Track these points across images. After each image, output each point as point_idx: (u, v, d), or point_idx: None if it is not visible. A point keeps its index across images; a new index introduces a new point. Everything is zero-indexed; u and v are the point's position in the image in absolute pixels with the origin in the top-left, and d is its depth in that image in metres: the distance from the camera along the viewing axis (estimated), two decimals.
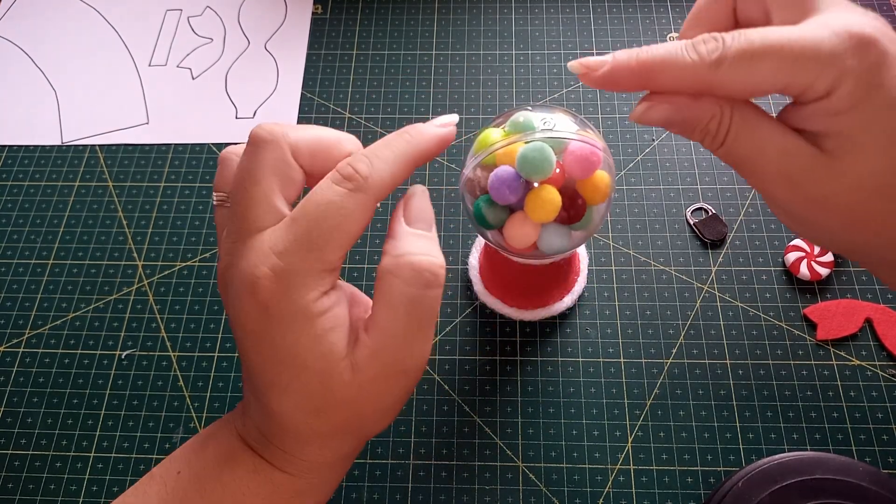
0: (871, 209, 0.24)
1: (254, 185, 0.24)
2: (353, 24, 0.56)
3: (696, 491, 0.38)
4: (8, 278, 0.46)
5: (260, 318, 0.24)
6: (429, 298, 0.24)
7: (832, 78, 0.23)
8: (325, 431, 0.26)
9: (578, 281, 0.43)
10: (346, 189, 0.24)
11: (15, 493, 0.39)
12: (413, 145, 0.25)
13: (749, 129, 0.25)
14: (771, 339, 0.42)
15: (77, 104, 0.53)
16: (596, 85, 0.26)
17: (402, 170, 0.25)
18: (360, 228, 0.24)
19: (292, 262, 0.23)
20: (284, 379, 0.24)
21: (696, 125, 0.26)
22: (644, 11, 0.55)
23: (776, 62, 0.23)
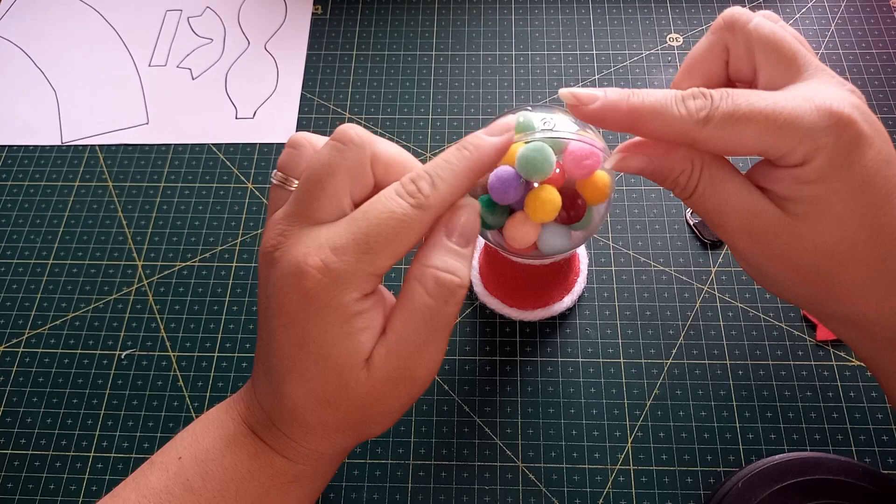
0: (826, 269, 0.26)
1: (330, 179, 0.25)
2: (353, 25, 0.56)
3: (696, 491, 0.38)
4: (8, 278, 0.46)
5: (300, 303, 0.25)
6: (445, 313, 0.25)
7: (807, 150, 0.24)
8: (330, 424, 0.26)
9: (578, 281, 0.43)
10: (408, 203, 0.25)
11: (15, 493, 0.39)
12: (473, 161, 0.26)
13: (716, 186, 0.26)
14: (771, 339, 0.42)
15: (77, 104, 0.53)
16: (584, 118, 0.27)
17: (462, 187, 0.26)
18: (416, 241, 0.25)
19: (345, 261, 0.24)
20: (305, 365, 0.25)
21: (667, 177, 0.27)
22: (644, 12, 0.55)
23: (759, 129, 0.24)
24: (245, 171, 0.50)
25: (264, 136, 0.51)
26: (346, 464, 0.39)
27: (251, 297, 0.45)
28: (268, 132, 0.51)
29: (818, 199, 0.25)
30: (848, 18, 0.54)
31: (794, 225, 0.25)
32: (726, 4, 0.55)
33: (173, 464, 0.27)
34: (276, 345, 0.26)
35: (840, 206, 0.25)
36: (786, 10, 0.54)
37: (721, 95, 0.25)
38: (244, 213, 0.48)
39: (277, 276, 0.25)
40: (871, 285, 0.26)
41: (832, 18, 0.54)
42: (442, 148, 0.50)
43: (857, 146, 0.24)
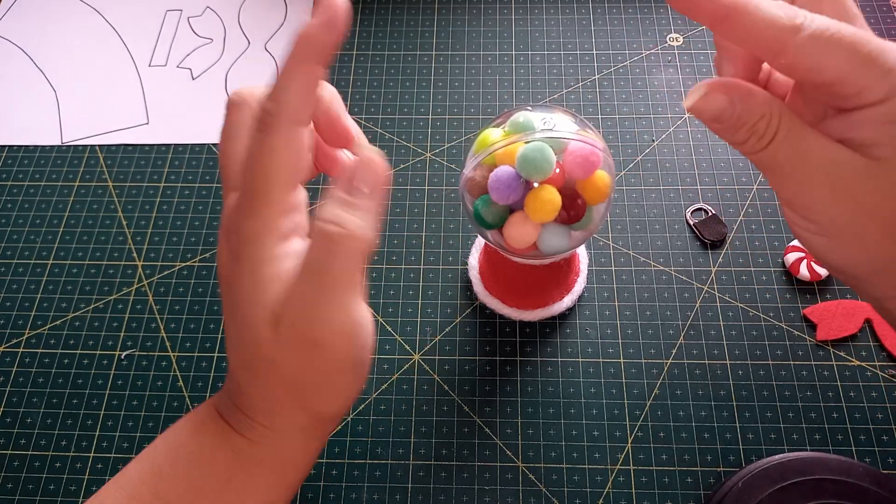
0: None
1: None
2: (353, 25, 0.56)
3: (696, 491, 0.38)
4: (8, 278, 0.46)
5: (229, 265, 0.25)
6: (334, 266, 0.24)
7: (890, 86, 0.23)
8: (265, 394, 0.26)
9: (578, 281, 0.43)
10: (260, 132, 0.24)
11: (15, 493, 0.39)
12: (298, 51, 0.24)
13: (796, 134, 0.25)
14: (771, 339, 0.42)
15: (77, 104, 0.53)
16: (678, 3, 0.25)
17: (303, 86, 0.24)
18: (289, 163, 0.24)
19: (245, 215, 0.24)
20: (228, 328, 0.26)
21: (745, 122, 0.25)
22: (644, 12, 0.55)
23: (846, 54, 0.23)
24: None
25: None
26: (346, 464, 0.39)
27: None
28: None
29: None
30: None
31: (882, 170, 0.24)
32: None
33: (150, 453, 0.27)
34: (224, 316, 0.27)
35: None
36: None
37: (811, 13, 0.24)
38: None
39: None
40: None
41: None
42: (442, 148, 0.50)
43: None
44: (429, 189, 0.48)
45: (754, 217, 0.46)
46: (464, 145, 0.50)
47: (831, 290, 0.43)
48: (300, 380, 0.25)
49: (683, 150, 0.49)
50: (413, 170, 0.49)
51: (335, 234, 0.24)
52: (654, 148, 0.49)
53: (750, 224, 0.46)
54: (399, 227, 0.47)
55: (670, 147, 0.49)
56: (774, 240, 0.45)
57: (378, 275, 0.45)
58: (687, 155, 0.48)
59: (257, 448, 0.27)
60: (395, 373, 0.42)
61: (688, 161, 0.48)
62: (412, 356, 0.43)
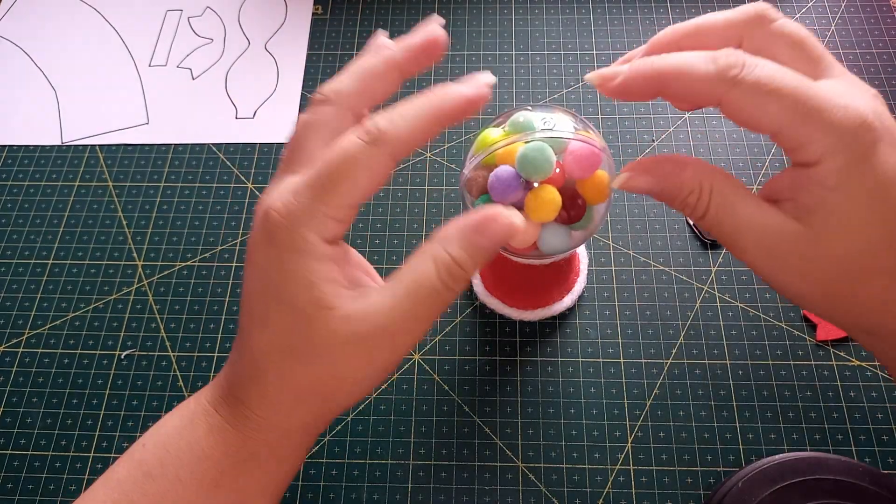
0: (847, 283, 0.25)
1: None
2: (353, 24, 0.56)
3: (696, 491, 0.38)
4: (8, 278, 0.46)
5: (264, 249, 0.25)
6: (444, 298, 0.25)
7: (827, 146, 0.23)
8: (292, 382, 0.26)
9: (578, 281, 0.43)
10: (362, 141, 0.25)
11: (14, 493, 0.39)
12: (437, 104, 0.26)
13: (728, 205, 0.26)
14: (771, 339, 0.42)
15: (77, 104, 0.53)
16: (612, 94, 0.26)
17: (423, 127, 0.26)
18: (371, 181, 0.25)
19: (302, 202, 0.24)
20: (270, 311, 0.25)
21: (675, 197, 0.26)
22: (644, 12, 0.55)
23: (785, 107, 0.23)
24: (245, 171, 0.50)
25: (264, 136, 0.51)
26: (346, 464, 0.39)
27: None
28: (268, 132, 0.51)
29: (836, 206, 0.24)
30: (848, 18, 0.54)
31: (813, 238, 0.24)
32: (726, 5, 0.55)
33: (138, 451, 0.27)
34: (243, 297, 0.26)
35: (859, 215, 0.24)
36: (786, 10, 0.54)
37: (754, 61, 0.24)
38: (244, 213, 0.48)
39: (252, 227, 0.26)
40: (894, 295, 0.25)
41: (832, 18, 0.54)
42: (442, 148, 0.50)
43: (876, 152, 0.23)
44: (429, 189, 0.48)
45: None
46: (464, 145, 0.50)
47: None
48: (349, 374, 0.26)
49: (683, 151, 0.49)
50: (413, 170, 0.49)
51: (459, 276, 0.25)
52: (654, 148, 0.49)
53: None
54: (399, 227, 0.47)
55: (670, 147, 0.49)
56: None
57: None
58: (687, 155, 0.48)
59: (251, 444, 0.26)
60: (396, 373, 0.42)
61: None
62: (412, 356, 0.43)
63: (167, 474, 0.26)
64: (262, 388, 0.26)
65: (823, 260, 0.25)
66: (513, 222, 0.26)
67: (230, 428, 0.26)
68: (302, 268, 0.24)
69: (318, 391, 0.26)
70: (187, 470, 0.26)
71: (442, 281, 0.25)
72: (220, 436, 0.26)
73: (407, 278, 0.25)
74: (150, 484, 0.26)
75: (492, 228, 0.26)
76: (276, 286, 0.25)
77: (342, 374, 0.25)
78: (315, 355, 0.25)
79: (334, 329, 0.25)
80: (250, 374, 0.26)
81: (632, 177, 0.27)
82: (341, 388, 0.26)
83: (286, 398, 0.26)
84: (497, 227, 0.26)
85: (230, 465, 0.26)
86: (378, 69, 0.28)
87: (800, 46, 0.26)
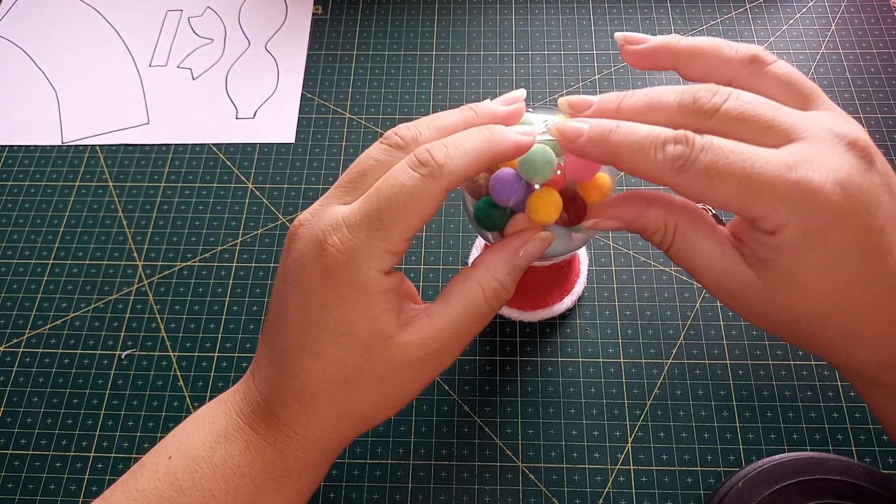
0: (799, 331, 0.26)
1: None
2: (353, 25, 0.56)
3: (696, 491, 0.38)
4: (8, 278, 0.46)
5: (320, 280, 0.25)
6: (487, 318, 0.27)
7: (777, 222, 0.24)
8: (342, 408, 0.26)
9: (578, 282, 0.43)
10: (419, 174, 0.25)
11: (15, 493, 0.39)
12: (493, 145, 0.26)
13: (689, 246, 0.26)
14: (771, 339, 0.42)
15: (77, 104, 0.53)
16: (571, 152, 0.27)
17: (477, 164, 0.26)
18: (428, 214, 0.25)
19: (359, 238, 0.25)
20: (323, 342, 0.25)
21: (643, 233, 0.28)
22: (644, 12, 0.55)
23: (733, 190, 0.24)
24: (245, 171, 0.50)
25: (265, 136, 0.51)
26: (346, 464, 0.40)
27: (251, 297, 0.45)
28: (268, 132, 0.51)
29: (789, 270, 0.24)
30: (848, 18, 0.54)
31: (765, 291, 0.25)
32: (726, 5, 0.55)
33: (163, 464, 0.27)
34: (290, 322, 0.26)
35: (809, 281, 0.24)
36: (786, 9, 0.54)
37: (703, 145, 0.24)
38: (244, 213, 0.48)
39: (298, 251, 0.26)
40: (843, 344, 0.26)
41: (832, 18, 0.54)
42: None
43: (831, 226, 0.23)
44: None
45: None
46: None
47: None
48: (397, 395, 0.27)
49: None
50: None
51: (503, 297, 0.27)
52: None
53: None
54: None
55: None
56: None
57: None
58: None
59: (289, 460, 0.27)
60: None
61: None
62: None
63: (199, 488, 0.26)
64: (310, 410, 0.26)
65: (774, 310, 0.25)
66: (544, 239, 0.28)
67: (268, 446, 0.26)
68: (362, 302, 0.25)
69: (365, 413, 0.27)
70: (222, 485, 0.26)
71: (488, 304, 0.27)
72: (257, 453, 0.26)
73: (458, 304, 0.26)
74: (180, 497, 0.26)
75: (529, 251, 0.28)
76: (336, 320, 0.25)
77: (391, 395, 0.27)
78: (370, 382, 0.26)
79: (392, 356, 0.25)
80: (297, 398, 0.26)
81: (599, 221, 0.29)
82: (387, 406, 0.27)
83: (332, 419, 0.26)
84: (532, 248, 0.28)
85: (266, 481, 0.26)
86: (457, 127, 0.28)
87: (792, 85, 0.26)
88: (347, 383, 0.26)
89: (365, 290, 0.25)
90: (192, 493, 0.26)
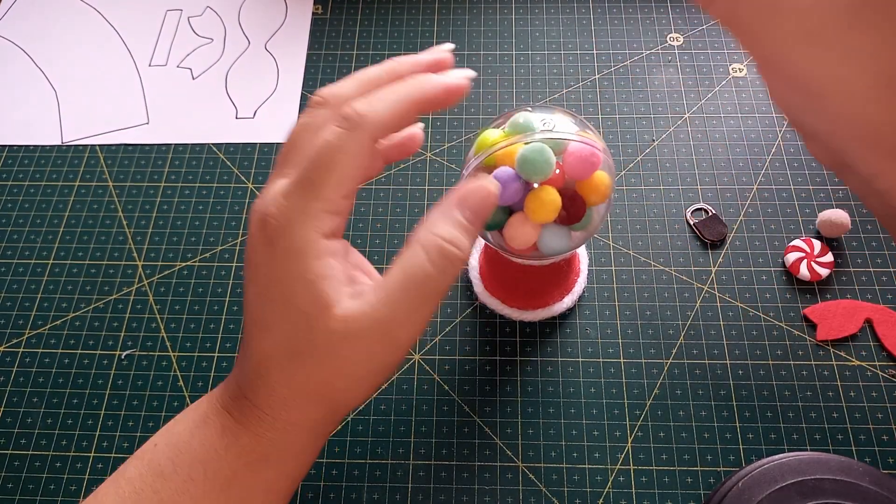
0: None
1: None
2: (353, 24, 0.56)
3: (696, 491, 0.38)
4: (8, 278, 0.46)
5: (264, 253, 0.25)
6: (441, 283, 0.25)
7: None
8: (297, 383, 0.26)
9: (578, 281, 0.43)
10: (342, 129, 0.25)
11: (15, 493, 0.39)
12: (416, 88, 0.26)
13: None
14: (771, 339, 0.42)
15: (77, 104, 0.53)
16: None
17: (402, 110, 0.26)
18: (356, 166, 0.25)
19: (293, 201, 0.25)
20: (271, 315, 0.25)
21: None
22: (644, 11, 0.55)
23: None
24: (245, 171, 0.50)
25: (264, 135, 0.51)
26: (346, 463, 0.40)
27: None
28: (268, 132, 0.51)
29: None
30: None
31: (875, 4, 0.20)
32: None
33: (149, 451, 0.27)
34: (246, 301, 0.26)
35: None
36: None
37: None
38: (244, 213, 0.48)
39: (249, 233, 0.26)
40: None
41: None
42: (442, 148, 0.50)
43: None
44: (429, 189, 0.48)
45: (754, 217, 0.46)
46: (464, 145, 0.50)
47: (831, 290, 0.43)
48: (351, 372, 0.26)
49: (683, 150, 0.49)
50: (413, 170, 0.49)
51: (454, 256, 0.25)
52: (654, 148, 0.49)
53: (750, 224, 0.46)
54: (399, 227, 0.47)
55: (670, 147, 0.49)
56: (774, 240, 0.45)
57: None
58: (687, 155, 0.48)
59: (263, 444, 0.26)
60: (396, 373, 0.42)
61: (688, 161, 0.48)
62: (412, 356, 0.43)
63: (179, 473, 0.26)
64: (269, 388, 0.26)
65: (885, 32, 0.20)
66: (485, 185, 0.26)
67: (243, 429, 0.26)
68: (300, 267, 0.25)
69: (321, 390, 0.26)
70: (200, 469, 0.26)
71: (434, 264, 0.25)
72: (232, 437, 0.26)
73: (398, 270, 0.25)
74: (161, 482, 0.26)
75: (470, 199, 0.26)
76: (277, 289, 0.25)
77: (343, 372, 0.26)
78: (316, 355, 0.25)
79: (333, 328, 0.25)
80: (258, 374, 0.26)
81: None
82: (344, 386, 0.26)
83: (293, 397, 0.26)
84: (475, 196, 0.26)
85: (242, 465, 0.26)
86: (380, 79, 0.28)
87: None
88: (295, 355, 0.25)
89: (303, 254, 0.24)
90: (172, 478, 0.26)
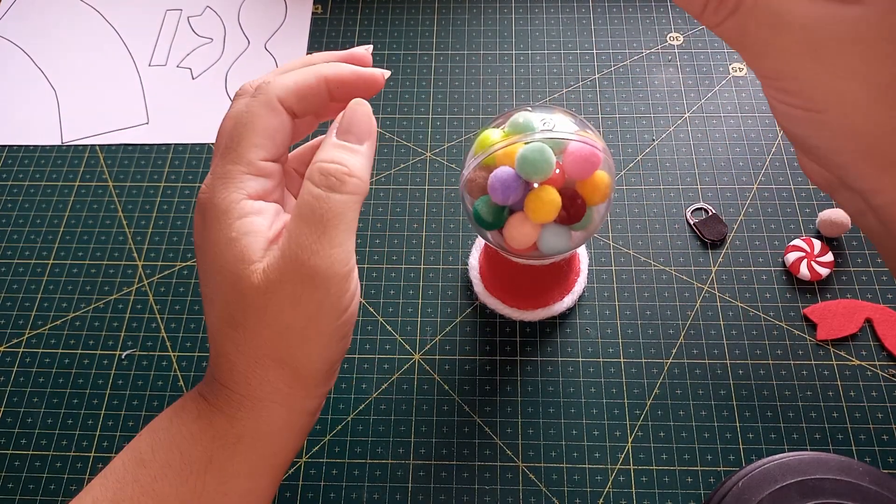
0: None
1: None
2: (353, 24, 0.56)
3: (696, 491, 0.38)
4: (8, 278, 0.46)
5: (200, 226, 0.26)
6: (333, 201, 0.25)
7: None
8: (248, 350, 0.25)
9: (578, 281, 0.43)
10: (250, 98, 0.27)
11: (15, 493, 0.39)
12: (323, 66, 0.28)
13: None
14: (771, 339, 0.42)
15: (77, 104, 0.53)
16: None
17: (307, 79, 0.27)
18: (266, 126, 0.26)
19: (216, 170, 0.26)
20: (211, 286, 0.26)
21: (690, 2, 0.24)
22: (644, 11, 0.55)
23: None
24: None
25: None
26: (346, 463, 0.40)
27: None
28: None
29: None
30: None
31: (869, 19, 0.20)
32: None
33: (134, 442, 0.27)
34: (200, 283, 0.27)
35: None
36: None
37: None
38: None
39: None
40: None
41: None
42: (442, 148, 0.50)
43: None
44: (429, 189, 0.48)
45: (754, 217, 0.46)
46: (464, 145, 0.50)
47: (831, 289, 0.43)
48: (287, 323, 0.25)
49: (683, 150, 0.49)
50: (413, 170, 0.49)
51: (338, 171, 0.25)
52: (654, 148, 0.49)
53: (750, 224, 0.46)
54: (399, 227, 0.47)
55: (670, 147, 0.49)
56: (774, 239, 0.45)
57: (378, 275, 0.45)
58: (687, 155, 0.48)
59: (236, 425, 0.26)
60: (396, 373, 0.42)
61: (688, 161, 0.48)
62: (412, 356, 0.43)
63: (157, 459, 0.26)
64: (226, 361, 0.26)
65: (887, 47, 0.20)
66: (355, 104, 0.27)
67: (217, 411, 0.26)
68: (224, 226, 0.25)
69: (272, 353, 0.26)
70: (176, 454, 0.26)
71: (318, 185, 0.25)
72: (207, 420, 0.26)
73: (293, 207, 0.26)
74: (141, 470, 0.26)
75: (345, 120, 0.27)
76: (210, 256, 0.25)
77: (281, 326, 0.25)
78: (251, 315, 0.25)
79: (256, 283, 0.25)
80: (216, 351, 0.26)
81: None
82: (292, 343, 0.26)
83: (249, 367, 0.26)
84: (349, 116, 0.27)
85: (218, 447, 0.26)
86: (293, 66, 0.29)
87: None
88: (234, 319, 0.25)
89: (226, 215, 0.25)
90: (151, 464, 0.26)
